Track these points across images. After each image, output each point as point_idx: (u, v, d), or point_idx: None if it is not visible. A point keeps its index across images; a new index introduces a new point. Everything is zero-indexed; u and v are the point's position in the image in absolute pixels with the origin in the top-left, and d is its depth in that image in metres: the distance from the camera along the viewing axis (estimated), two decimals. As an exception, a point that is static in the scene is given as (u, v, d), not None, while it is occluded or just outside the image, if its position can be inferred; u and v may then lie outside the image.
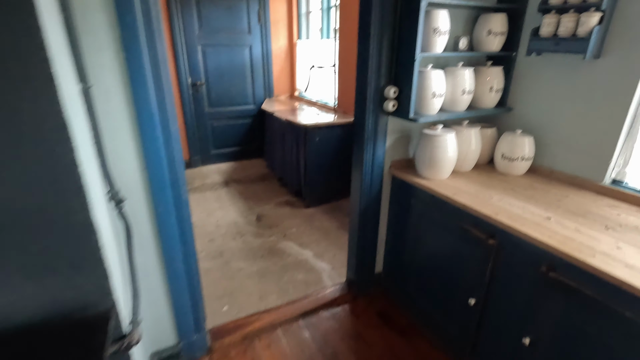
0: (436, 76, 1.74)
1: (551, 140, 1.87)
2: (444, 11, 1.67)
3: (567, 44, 1.63)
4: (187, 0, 4.03)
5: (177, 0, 3.96)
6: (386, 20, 1.69)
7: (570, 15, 1.61)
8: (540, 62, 1.86)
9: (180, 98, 4.34)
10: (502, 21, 1.85)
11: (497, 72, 1.93)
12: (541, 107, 1.89)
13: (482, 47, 1.90)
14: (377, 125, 1.89)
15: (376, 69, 1.77)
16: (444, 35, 1.69)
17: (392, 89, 1.77)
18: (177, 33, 4.07)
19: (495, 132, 2.08)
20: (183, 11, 4.04)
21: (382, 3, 1.65)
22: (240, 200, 3.83)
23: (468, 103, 1.91)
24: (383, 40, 1.73)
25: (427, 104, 1.77)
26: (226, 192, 4.06)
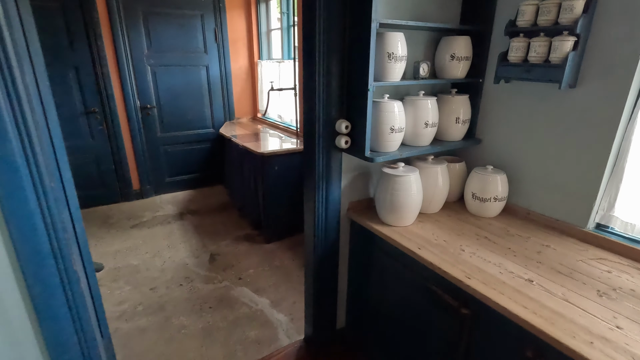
0: (394, 108, 1.49)
1: (526, 177, 1.65)
2: (399, 34, 1.43)
3: (539, 71, 1.43)
4: (133, 18, 3.69)
5: (121, 18, 3.62)
6: (334, 45, 1.44)
7: (541, 40, 1.41)
8: (510, 90, 1.65)
9: (128, 123, 3.95)
10: (466, 44, 1.64)
11: (463, 101, 1.71)
12: (513, 139, 1.68)
13: (446, 73, 1.68)
14: (329, 163, 1.61)
15: (324, 100, 1.50)
16: (400, 61, 1.45)
17: (344, 124, 1.50)
18: (122, 53, 3.71)
19: (465, 167, 1.85)
20: (129, 29, 3.70)
21: (327, 24, 1.39)
22: (195, 235, 3.45)
23: (432, 136, 1.68)
24: (331, 67, 1.46)
25: (385, 140, 1.51)
26: (179, 226, 3.66)
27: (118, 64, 3.72)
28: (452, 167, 1.80)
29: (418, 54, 1.70)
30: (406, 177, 1.53)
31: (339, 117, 1.55)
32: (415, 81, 1.53)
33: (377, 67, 1.44)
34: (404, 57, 1.46)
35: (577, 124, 1.44)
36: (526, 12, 1.44)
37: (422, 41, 1.69)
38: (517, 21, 1.48)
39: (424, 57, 1.72)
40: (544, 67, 1.41)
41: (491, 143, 1.78)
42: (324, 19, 1.38)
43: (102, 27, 3.57)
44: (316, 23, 1.38)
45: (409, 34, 1.61)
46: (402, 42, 1.44)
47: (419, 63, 1.58)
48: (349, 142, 1.54)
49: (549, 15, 1.38)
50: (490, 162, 1.79)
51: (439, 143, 1.73)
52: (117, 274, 2.81)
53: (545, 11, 1.38)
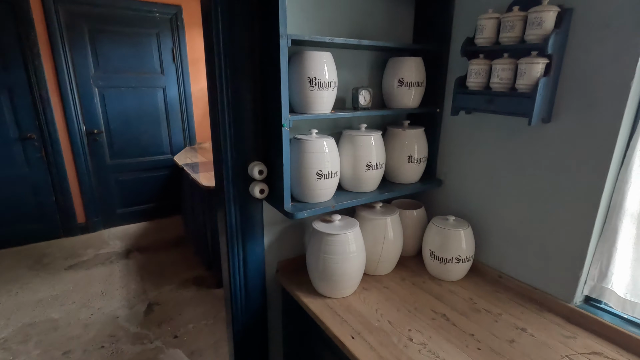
0: (323, 147, 1.15)
1: (496, 231, 1.32)
2: (325, 54, 1.11)
3: (504, 101, 1.11)
4: (77, 36, 3.37)
5: (63, 36, 3.30)
6: (241, 66, 1.11)
7: (504, 62, 1.10)
8: (472, 123, 1.34)
9: (72, 150, 3.57)
10: (417, 67, 1.33)
11: (418, 136, 1.39)
12: (479, 183, 1.35)
13: (394, 102, 1.37)
14: (246, 214, 1.25)
15: (232, 136, 1.16)
16: (327, 88, 1.12)
17: (257, 168, 1.16)
18: (65, 74, 3.37)
19: (424, 214, 1.51)
20: (72, 48, 3.37)
21: (229, 38, 1.07)
22: (137, 278, 3.02)
23: (379, 179, 1.34)
24: (241, 94, 1.13)
25: (312, 188, 1.17)
26: (123, 266, 3.23)
27: (60, 85, 3.37)
28: (408, 215, 1.46)
29: (360, 78, 1.38)
30: (342, 235, 1.18)
31: (254, 158, 1.20)
32: (350, 113, 1.20)
33: (296, 95, 1.12)
34: (333, 82, 1.14)
35: (554, 169, 1.11)
36: (485, 27, 1.14)
37: (364, 64, 1.38)
38: (476, 39, 1.18)
39: (369, 82, 1.41)
40: (509, 97, 1.10)
41: (454, 185, 1.45)
42: (224, 30, 1.06)
43: (41, 45, 3.23)
44: (213, 35, 1.05)
45: (344, 55, 1.30)
46: (329, 64, 1.12)
47: (358, 90, 1.25)
48: (265, 191, 1.19)
49: (512, 32, 1.08)
50: (454, 209, 1.45)
51: (389, 187, 1.39)
52: (30, 333, 2.37)
53: (507, 26, 1.08)
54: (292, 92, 1.13)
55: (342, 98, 1.36)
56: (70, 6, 3.30)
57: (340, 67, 1.31)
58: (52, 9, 3.22)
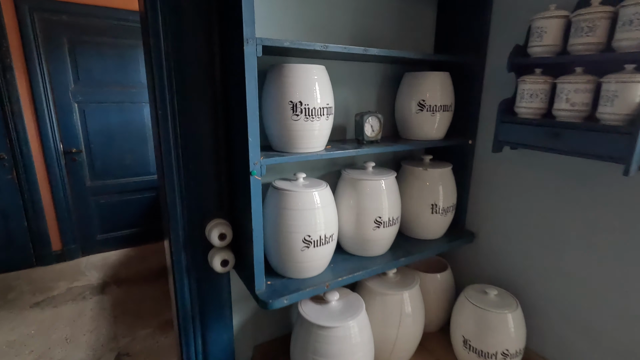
0: (313, 201, 0.80)
1: (556, 313, 0.94)
2: (316, 67, 0.76)
3: (578, 138, 0.76)
4: (55, 47, 3.09)
5: (39, 47, 3.01)
6: (196, 88, 0.77)
7: (578, 79, 0.75)
8: (521, 161, 0.98)
9: (48, 171, 3.24)
10: (445, 85, 0.98)
11: (445, 176, 1.03)
12: (529, 242, 0.99)
13: (412, 131, 1.01)
14: (206, 292, 0.90)
15: (184, 187, 0.81)
16: (320, 116, 0.77)
17: (217, 230, 0.81)
18: (41, 87, 3.08)
19: (450, 278, 1.14)
20: (49, 60, 3.08)
21: (176, 50, 0.73)
22: (109, 319, 2.65)
23: (392, 239, 0.98)
24: (195, 128, 0.79)
25: (298, 260, 0.81)
26: (96, 303, 2.86)
27: (34, 100, 3.07)
28: (430, 280, 1.10)
29: (365, 100, 1.04)
30: (340, 327, 0.82)
31: (216, 215, 0.85)
32: (353, 150, 0.85)
33: (274, 127, 0.77)
34: (327, 108, 0.79)
35: (657, 237, 0.75)
36: (547, 30, 0.79)
37: (371, 80, 1.04)
38: (531, 47, 0.83)
39: (377, 105, 1.06)
40: (586, 131, 0.74)
41: (491, 242, 1.08)
42: (167, 35, 0.72)
43: (14, 57, 2.95)
44: (151, 42, 0.71)
45: (344, 68, 0.96)
46: (322, 82, 0.77)
47: (364, 117, 0.90)
48: (229, 263, 0.83)
49: (592, 36, 0.73)
50: (490, 273, 1.08)
51: (406, 246, 1.03)
52: (-29, 394, 1.99)
53: (583, 28, 0.74)
54: (268, 122, 0.78)
55: (341, 126, 1.02)
56: (47, 15, 3.02)
57: (339, 84, 0.97)
58: (27, 17, 2.95)
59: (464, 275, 1.17)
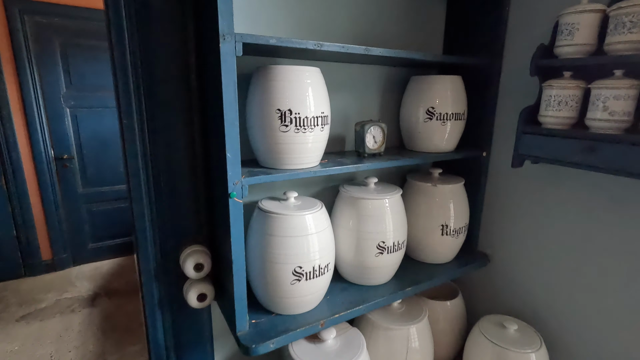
0: (306, 226, 0.68)
1: (590, 357, 0.82)
2: (308, 70, 0.65)
3: (618, 153, 0.64)
4: (46, 50, 3.00)
5: (29, 50, 2.92)
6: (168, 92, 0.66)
7: (619, 84, 0.63)
8: (544, 176, 0.86)
9: (38, 178, 3.14)
10: (457, 91, 0.87)
11: (455, 194, 0.91)
12: (554, 268, 0.86)
13: (419, 142, 0.90)
14: (182, 328, 0.78)
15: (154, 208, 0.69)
16: (314, 126, 0.66)
17: (192, 260, 0.69)
18: (31, 91, 2.98)
19: (462, 306, 1.02)
20: (40, 63, 2.99)
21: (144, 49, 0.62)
22: (97, 334, 2.52)
23: (397, 265, 0.86)
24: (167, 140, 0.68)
25: (287, 295, 0.69)
26: (85, 316, 2.74)
27: (24, 105, 2.97)
28: (439, 308, 0.97)
29: (366, 107, 0.92)
30: (336, 369, 0.69)
31: (193, 240, 0.73)
32: (352, 165, 0.73)
33: (259, 139, 0.66)
34: (323, 117, 0.67)
35: None
36: (579, 26, 0.68)
37: (373, 85, 0.92)
38: (558, 46, 0.72)
39: (380, 113, 0.95)
40: (629, 146, 0.62)
41: (508, 265, 0.96)
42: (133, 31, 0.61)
43: (4, 60, 2.86)
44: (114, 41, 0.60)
45: (341, 71, 0.85)
46: (315, 87, 0.66)
47: (365, 127, 0.79)
48: (207, 297, 0.71)
49: (637, 31, 0.61)
50: (506, 301, 0.96)
51: (412, 272, 0.91)
52: (-55, 418, 1.87)
53: (626, 22, 0.62)
54: (253, 134, 0.67)
55: (340, 136, 0.90)
56: (38, 17, 2.93)
57: (337, 89, 0.86)
58: (18, 20, 2.86)
59: (477, 303, 1.05)
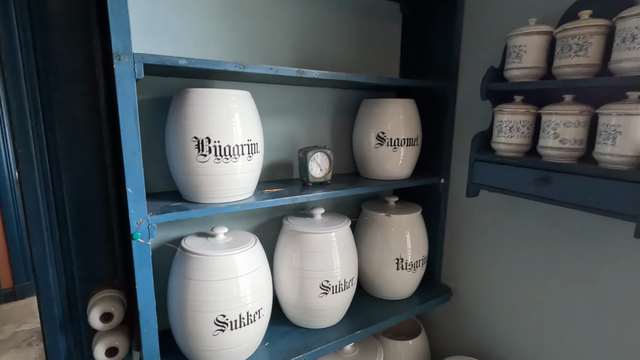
0: (234, 267, 0.60)
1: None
2: (231, 93, 0.59)
3: (573, 184, 0.59)
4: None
5: None
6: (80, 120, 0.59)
7: (568, 110, 0.59)
8: (503, 206, 0.80)
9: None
10: (409, 114, 0.82)
11: (413, 223, 0.85)
12: (523, 300, 0.80)
13: (371, 168, 0.84)
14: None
15: (60, 247, 0.61)
16: (239, 155, 0.59)
17: (99, 309, 0.60)
18: (-6, 111, 2.85)
19: (425, 344, 0.94)
20: (6, 82, 2.86)
21: (43, 68, 0.55)
22: (54, 371, 2.31)
23: (347, 304, 0.78)
24: (72, 171, 0.60)
25: (211, 347, 0.60)
26: (42, 351, 2.53)
27: (-12, 125, 2.84)
28: (401, 349, 0.89)
29: (316, 132, 0.86)
30: None
31: (107, 285, 0.64)
32: (289, 197, 0.66)
33: (178, 170, 0.59)
34: (251, 145, 0.61)
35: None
36: (526, 49, 0.64)
37: (324, 109, 0.87)
38: (508, 69, 0.67)
39: (332, 140, 0.89)
40: (581, 177, 0.57)
41: (472, 299, 0.89)
42: (27, 50, 0.54)
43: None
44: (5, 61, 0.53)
45: (287, 94, 0.79)
46: (242, 111, 0.59)
47: (308, 154, 0.73)
48: (119, 352, 0.62)
49: (583, 55, 0.57)
50: (472, 337, 0.89)
51: (366, 311, 0.83)
52: None
53: (572, 45, 0.58)
54: (172, 165, 0.60)
55: (286, 163, 0.84)
56: None
57: (283, 113, 0.80)
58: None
59: (442, 341, 0.97)
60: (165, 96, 0.65)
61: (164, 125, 0.61)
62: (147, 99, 0.65)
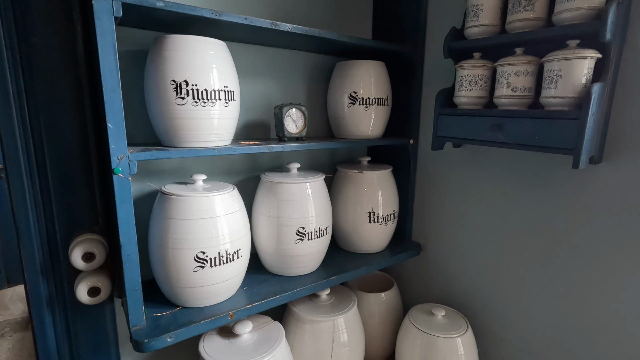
0: (212, 207, 0.63)
1: (513, 334, 0.82)
2: (208, 41, 0.62)
3: (522, 127, 0.65)
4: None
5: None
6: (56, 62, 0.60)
7: (519, 60, 0.65)
8: (467, 160, 0.87)
9: (-33, 189, 2.85)
10: (379, 76, 0.87)
11: (384, 180, 0.90)
12: (481, 253, 0.86)
13: (344, 128, 0.89)
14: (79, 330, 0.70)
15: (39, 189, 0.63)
16: (216, 100, 0.62)
17: (81, 249, 0.62)
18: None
19: (397, 297, 1.00)
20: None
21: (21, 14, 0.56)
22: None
23: (322, 252, 0.83)
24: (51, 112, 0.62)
25: (191, 284, 0.64)
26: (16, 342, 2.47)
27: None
28: (374, 300, 0.95)
29: (293, 96, 0.90)
30: (248, 365, 0.64)
31: (89, 230, 0.66)
32: (265, 145, 0.70)
33: (157, 114, 0.61)
34: (227, 91, 0.64)
35: (619, 241, 0.64)
36: (482, 8, 0.70)
37: (299, 72, 0.91)
38: (467, 28, 0.73)
39: (308, 103, 0.93)
40: (531, 119, 0.64)
41: (440, 255, 0.95)
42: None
43: None
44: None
45: (265, 55, 0.83)
46: (219, 60, 0.63)
47: (283, 110, 0.76)
48: (101, 292, 0.65)
49: (530, 11, 0.64)
50: (441, 290, 0.95)
51: (341, 261, 0.88)
52: None
53: (521, 1, 0.64)
54: (151, 110, 0.62)
55: (264, 123, 0.87)
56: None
57: (259, 74, 0.84)
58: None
59: (412, 295, 1.03)
60: (142, 49, 0.67)
61: (142, 80, 0.63)
62: (125, 51, 0.67)
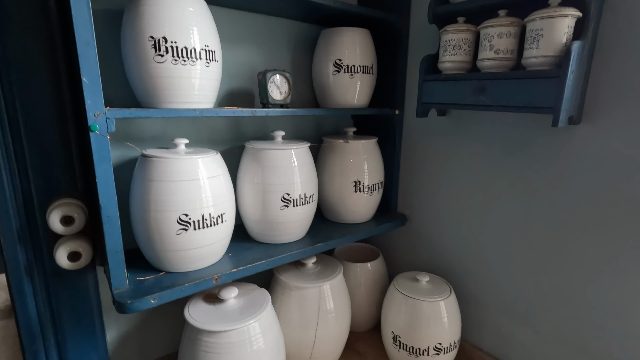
0: (196, 169, 0.63)
1: (494, 299, 0.84)
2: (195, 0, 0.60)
3: (504, 89, 0.66)
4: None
5: None
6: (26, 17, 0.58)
7: (502, 22, 0.65)
8: (452, 128, 0.87)
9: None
10: (364, 44, 0.86)
11: (369, 150, 0.90)
12: (465, 221, 0.88)
13: (329, 97, 0.88)
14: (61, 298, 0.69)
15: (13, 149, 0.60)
16: (197, 59, 0.60)
17: (59, 212, 0.61)
18: None
19: (383, 267, 1.01)
20: None
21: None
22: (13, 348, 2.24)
23: (308, 221, 0.83)
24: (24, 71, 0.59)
25: (174, 248, 0.63)
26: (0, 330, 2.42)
27: None
28: (360, 270, 0.96)
29: (277, 65, 0.89)
30: (237, 330, 0.64)
31: (65, 196, 0.65)
32: (248, 109, 0.69)
33: (135, 72, 0.59)
34: (208, 51, 0.62)
35: (600, 202, 0.66)
36: (467, -30, 0.69)
37: (283, 40, 0.89)
38: (451, -8, 0.73)
39: (292, 68, 0.92)
40: (513, 80, 0.64)
41: (425, 225, 0.97)
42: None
43: None
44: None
45: (246, 21, 0.81)
46: (199, 18, 0.61)
47: (266, 75, 0.75)
48: (81, 256, 0.63)
49: (514, -30, 0.64)
50: (426, 259, 0.97)
51: (326, 230, 0.88)
52: None
53: (505, -38, 0.64)
54: (129, 69, 0.61)
55: (248, 91, 0.86)
56: None
57: (242, 41, 0.82)
58: None
59: (398, 265, 1.05)
60: (120, 8, 0.64)
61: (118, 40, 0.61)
62: (102, 10, 0.64)
